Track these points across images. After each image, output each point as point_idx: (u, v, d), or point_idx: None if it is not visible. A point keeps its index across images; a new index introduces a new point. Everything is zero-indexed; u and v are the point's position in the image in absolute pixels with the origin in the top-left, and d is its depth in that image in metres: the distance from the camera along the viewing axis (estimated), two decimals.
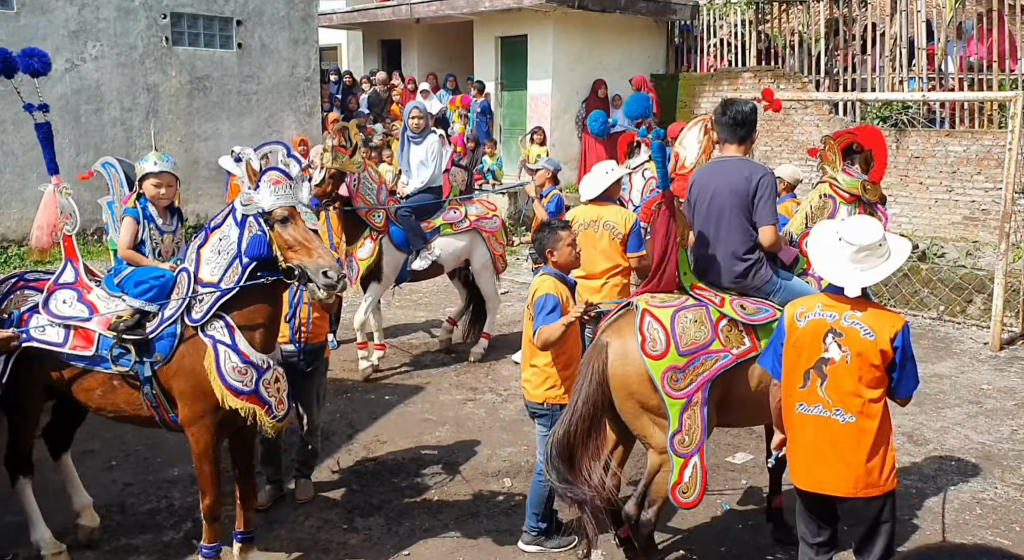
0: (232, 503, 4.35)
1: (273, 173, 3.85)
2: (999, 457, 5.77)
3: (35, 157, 12.03)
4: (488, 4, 13.84)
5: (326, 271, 3.75)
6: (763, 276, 4.14)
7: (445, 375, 7.42)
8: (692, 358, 3.86)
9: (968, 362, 7.82)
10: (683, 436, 3.85)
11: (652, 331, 3.88)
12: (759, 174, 4.12)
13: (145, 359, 3.94)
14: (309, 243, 3.82)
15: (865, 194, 4.50)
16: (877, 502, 3.38)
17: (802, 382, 3.39)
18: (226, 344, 3.89)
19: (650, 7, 14.47)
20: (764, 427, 4.75)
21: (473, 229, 7.67)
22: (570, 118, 14.34)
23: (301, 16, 14.55)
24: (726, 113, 4.25)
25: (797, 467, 3.46)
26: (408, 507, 5.02)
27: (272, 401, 4.01)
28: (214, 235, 3.99)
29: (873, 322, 3.30)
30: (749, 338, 4.00)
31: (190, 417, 4.00)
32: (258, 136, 14.06)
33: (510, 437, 6.05)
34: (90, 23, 12.29)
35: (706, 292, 4.15)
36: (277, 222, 3.81)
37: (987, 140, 10.94)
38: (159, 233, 4.54)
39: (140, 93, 12.90)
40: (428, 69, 16.47)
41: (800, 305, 3.49)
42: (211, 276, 3.94)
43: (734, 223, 4.12)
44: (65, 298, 4.14)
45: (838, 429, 3.31)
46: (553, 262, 4.37)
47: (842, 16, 13.42)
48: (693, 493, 3.90)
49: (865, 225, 3.41)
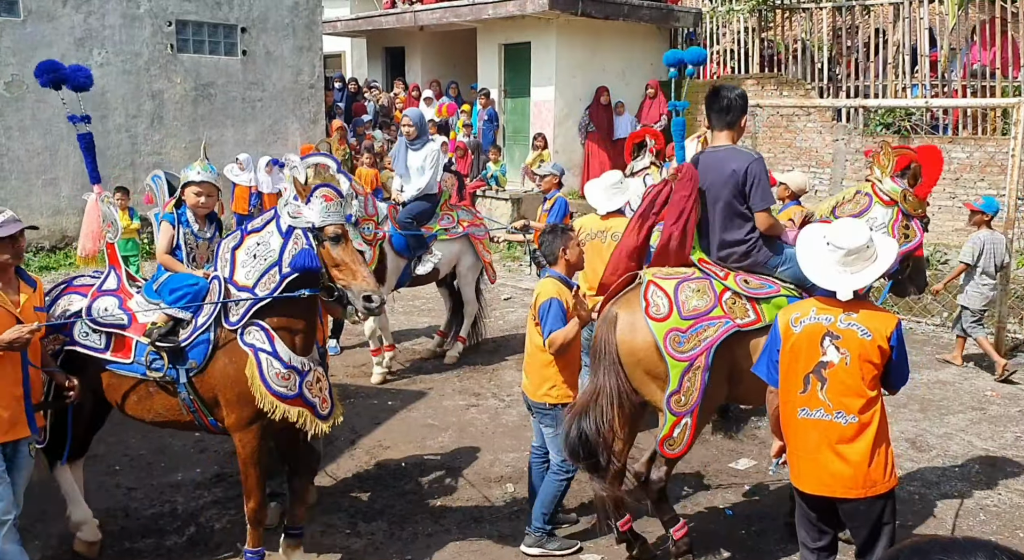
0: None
1: (326, 189, 3.87)
2: (1003, 463, 5.76)
3: (40, 163, 12.10)
4: (491, 11, 13.89)
5: (369, 296, 3.82)
6: (765, 254, 4.27)
7: (448, 380, 7.42)
8: (695, 323, 4.00)
9: (971, 368, 7.80)
10: (680, 397, 4.00)
11: (656, 298, 4.07)
12: (747, 162, 4.20)
13: (179, 366, 3.99)
14: (355, 264, 3.87)
15: (904, 203, 4.61)
16: (879, 502, 3.40)
17: (802, 387, 3.40)
18: (267, 351, 3.91)
19: (653, 14, 14.51)
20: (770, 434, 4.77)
21: (465, 235, 7.77)
22: (573, 124, 14.38)
23: (305, 23, 14.62)
24: (716, 100, 4.34)
25: (801, 471, 3.47)
26: (411, 512, 5.03)
27: (316, 401, 4.06)
28: (251, 238, 4.02)
29: (869, 322, 3.34)
30: (754, 311, 4.11)
31: (236, 424, 4.03)
32: (262, 143, 14.13)
33: (512, 442, 6.05)
34: (96, 30, 12.36)
35: (712, 267, 4.28)
36: (328, 239, 3.84)
37: (990, 147, 10.95)
38: (195, 239, 4.57)
39: (145, 100, 12.97)
40: (432, 76, 16.52)
41: (794, 311, 3.53)
42: (246, 280, 3.97)
43: (728, 211, 4.24)
44: (107, 305, 4.20)
45: (841, 431, 3.33)
46: (566, 261, 4.47)
47: (845, 23, 13.46)
48: (679, 446, 4.09)
49: (851, 228, 3.45)
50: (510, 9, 13.58)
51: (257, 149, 13.80)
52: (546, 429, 4.51)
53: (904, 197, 4.61)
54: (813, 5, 13.84)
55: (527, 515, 4.67)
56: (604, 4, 13.78)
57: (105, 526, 4.62)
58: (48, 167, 12.19)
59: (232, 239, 4.10)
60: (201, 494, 5.21)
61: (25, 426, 3.76)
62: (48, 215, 12.22)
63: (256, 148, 13.82)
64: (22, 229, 3.73)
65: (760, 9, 14.22)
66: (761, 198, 4.18)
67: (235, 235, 4.11)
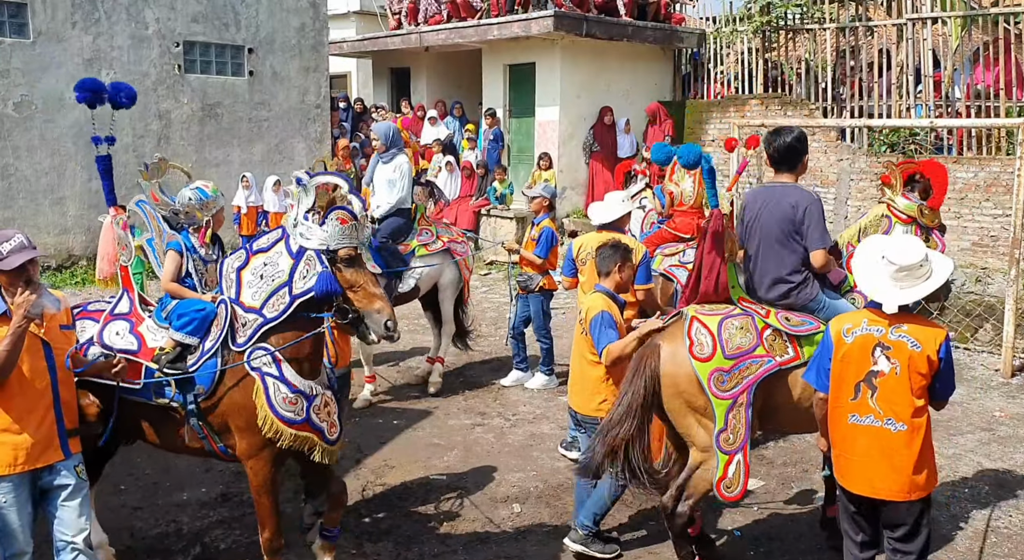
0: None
1: (341, 212, 3.84)
2: (1013, 485, 5.71)
3: (47, 183, 12.17)
4: (497, 32, 13.99)
5: (387, 322, 3.80)
6: (808, 295, 4.38)
7: (453, 400, 7.40)
8: (737, 362, 4.10)
9: (980, 389, 7.76)
10: (728, 435, 4.09)
11: (700, 336, 4.13)
12: (806, 202, 4.33)
13: (187, 392, 3.93)
14: (371, 286, 3.84)
15: (922, 218, 4.79)
16: (919, 505, 3.55)
17: (853, 394, 3.54)
18: (273, 376, 3.86)
19: (657, 35, 14.60)
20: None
21: (445, 250, 7.69)
22: (577, 144, 14.43)
23: (312, 44, 14.74)
24: (774, 142, 4.46)
25: (851, 473, 3.60)
26: (417, 532, 4.99)
27: (324, 426, 4.01)
28: (257, 258, 3.96)
29: (918, 334, 3.47)
30: (793, 348, 4.21)
31: (247, 451, 3.99)
32: (268, 163, 14.20)
33: (519, 462, 6.03)
34: (104, 51, 12.47)
35: (752, 305, 4.37)
36: (342, 262, 3.81)
37: (995, 167, 10.95)
38: (203, 263, 4.55)
39: (152, 120, 13.05)
40: (437, 96, 16.62)
41: (846, 321, 3.64)
42: (253, 300, 3.91)
43: (780, 246, 4.36)
44: (118, 329, 4.15)
45: (890, 437, 3.47)
46: (617, 279, 4.57)
47: (848, 44, 13.52)
48: (736, 487, 4.13)
49: (908, 246, 3.57)
50: (515, 30, 13.68)
51: (263, 169, 13.88)
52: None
53: (920, 212, 4.80)
54: (817, 26, 13.91)
55: (534, 535, 4.64)
56: (608, 25, 13.87)
57: (110, 546, 4.59)
58: (55, 187, 12.26)
59: (236, 259, 4.02)
60: (206, 514, 5.19)
61: (57, 449, 3.61)
62: (55, 234, 12.27)
63: (262, 168, 13.89)
64: (33, 257, 3.54)
65: (764, 30, 14.30)
66: (818, 237, 4.31)
67: (239, 254, 4.04)
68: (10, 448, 3.50)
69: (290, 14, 14.40)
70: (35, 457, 3.55)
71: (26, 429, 3.52)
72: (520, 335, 7.74)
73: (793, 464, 6.03)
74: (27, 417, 3.52)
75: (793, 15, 14.24)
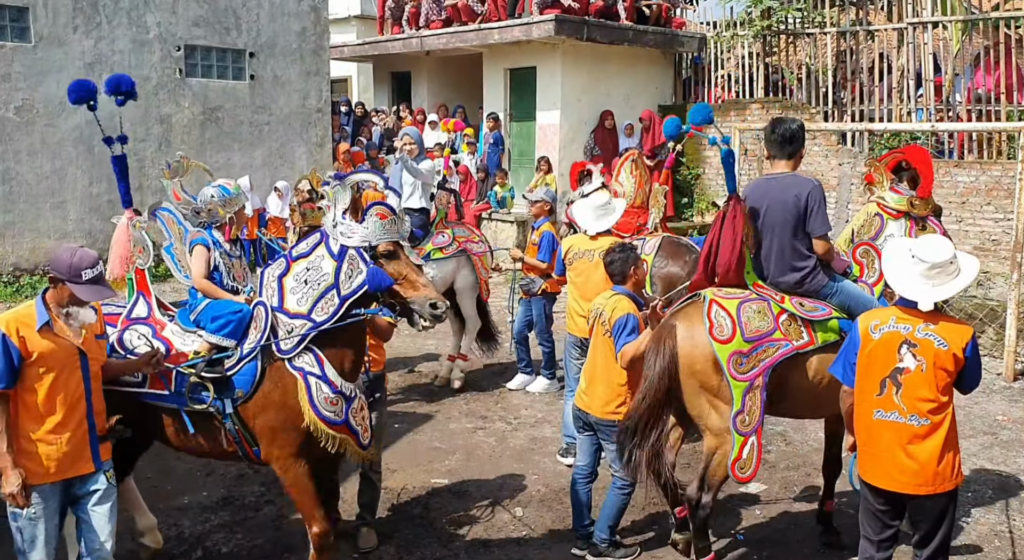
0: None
1: (380, 207, 3.86)
2: (1016, 488, 5.70)
3: (48, 187, 12.17)
4: (497, 36, 14.01)
5: (435, 303, 3.81)
6: (819, 282, 4.43)
7: (455, 403, 7.39)
8: (756, 345, 4.19)
9: (982, 392, 7.73)
10: (744, 416, 4.17)
11: (719, 318, 4.21)
12: (807, 188, 4.38)
13: (225, 396, 3.90)
14: (415, 275, 3.87)
15: (914, 210, 4.76)
16: (944, 498, 3.58)
17: (878, 390, 3.58)
18: (316, 375, 3.85)
19: (657, 39, 14.62)
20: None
21: (461, 251, 7.71)
22: (578, 148, 14.43)
23: (313, 49, 14.75)
24: (775, 131, 4.50)
25: (875, 468, 3.63)
26: (418, 536, 4.98)
27: (359, 430, 4.01)
28: (298, 264, 3.94)
29: (946, 333, 3.50)
30: (808, 333, 4.29)
31: (276, 453, 3.95)
32: (269, 167, 14.21)
33: (520, 466, 6.01)
34: (105, 55, 12.47)
35: (767, 290, 4.44)
36: (382, 257, 3.82)
37: (996, 171, 10.96)
38: (228, 258, 4.51)
39: (153, 124, 13.06)
40: (438, 100, 16.63)
41: (874, 317, 3.68)
42: (298, 307, 3.89)
43: (787, 236, 4.40)
44: (140, 334, 4.10)
45: (914, 432, 3.52)
46: (635, 280, 4.67)
47: (849, 48, 13.54)
48: (750, 468, 4.23)
49: (937, 244, 3.60)
50: (516, 34, 13.70)
51: (264, 173, 13.89)
52: (610, 446, 4.56)
53: (911, 204, 4.76)
54: (817, 30, 13.94)
55: (536, 539, 4.63)
56: (609, 29, 13.89)
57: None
58: (56, 191, 12.25)
59: (276, 267, 3.99)
60: (208, 517, 5.17)
61: (88, 461, 3.59)
62: (56, 238, 12.25)
63: (263, 172, 13.90)
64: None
65: (764, 34, 14.32)
66: (821, 223, 4.36)
67: (279, 262, 4.01)
68: (43, 458, 3.49)
69: (291, 18, 14.41)
70: (66, 467, 3.54)
71: (60, 439, 3.51)
72: (524, 339, 7.75)
73: (795, 468, 6.02)
74: (61, 428, 3.51)
75: (793, 19, 14.27)
